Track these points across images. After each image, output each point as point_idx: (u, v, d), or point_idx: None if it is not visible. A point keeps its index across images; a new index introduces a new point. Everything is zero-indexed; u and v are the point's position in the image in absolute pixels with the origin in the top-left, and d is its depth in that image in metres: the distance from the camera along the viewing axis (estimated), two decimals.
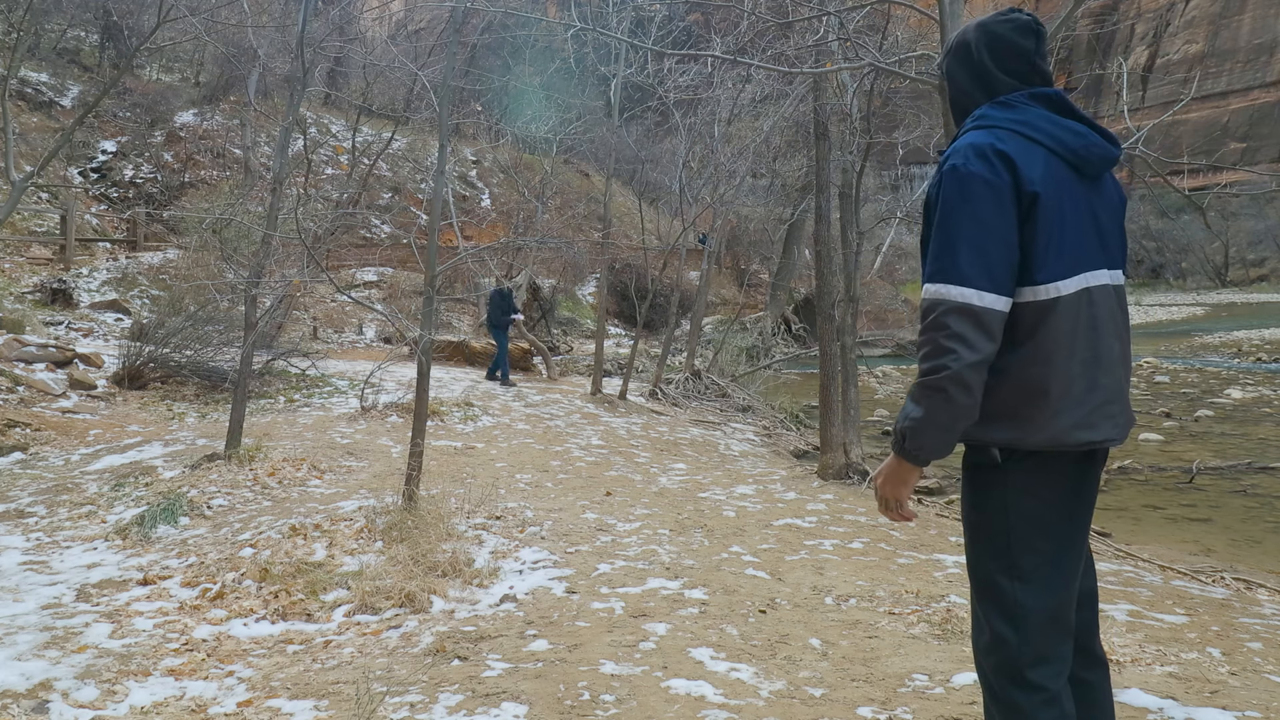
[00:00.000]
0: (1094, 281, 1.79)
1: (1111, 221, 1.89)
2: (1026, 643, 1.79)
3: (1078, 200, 1.80)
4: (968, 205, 1.73)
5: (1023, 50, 1.90)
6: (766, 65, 7.75)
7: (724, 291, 26.62)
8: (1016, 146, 1.77)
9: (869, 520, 6.12)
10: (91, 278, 17.09)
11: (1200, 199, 23.85)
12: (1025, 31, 1.90)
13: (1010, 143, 1.77)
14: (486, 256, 14.40)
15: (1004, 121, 1.83)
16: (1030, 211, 1.74)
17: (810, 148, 10.10)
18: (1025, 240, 1.74)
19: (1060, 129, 1.82)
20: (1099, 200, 1.86)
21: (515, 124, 24.17)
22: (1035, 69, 1.91)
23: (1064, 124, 1.84)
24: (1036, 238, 1.74)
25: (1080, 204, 1.81)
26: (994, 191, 1.73)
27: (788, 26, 7.56)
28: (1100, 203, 1.86)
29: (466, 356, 15.48)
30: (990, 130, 1.81)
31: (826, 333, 8.40)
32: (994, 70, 1.90)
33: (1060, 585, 1.82)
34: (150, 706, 3.03)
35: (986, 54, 1.91)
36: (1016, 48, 1.90)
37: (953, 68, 2.01)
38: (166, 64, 29.14)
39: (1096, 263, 1.80)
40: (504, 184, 30.00)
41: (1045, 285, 1.74)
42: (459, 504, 5.58)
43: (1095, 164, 1.84)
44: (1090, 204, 1.83)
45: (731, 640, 3.51)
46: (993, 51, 1.91)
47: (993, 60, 1.90)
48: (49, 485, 6.19)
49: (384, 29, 41.73)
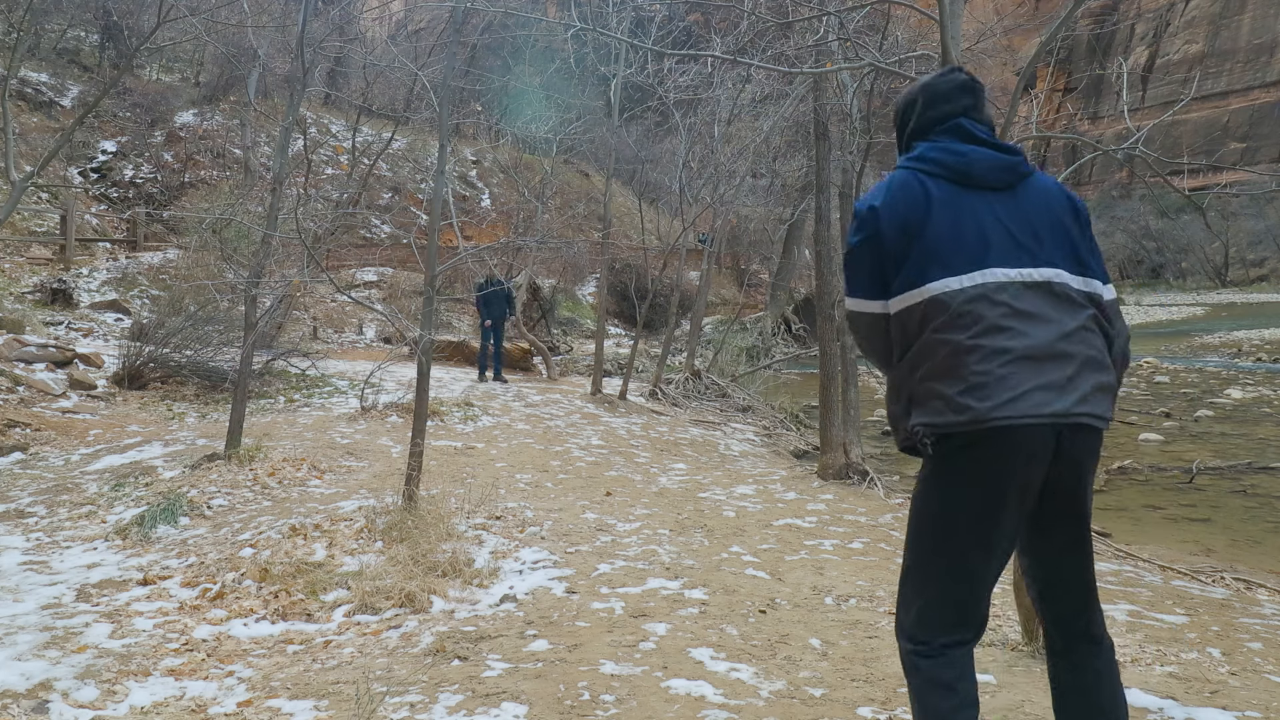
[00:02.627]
0: (992, 279, 1.95)
1: (1040, 223, 2.03)
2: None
3: (970, 211, 2.01)
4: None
5: (958, 108, 2.15)
6: (766, 65, 7.74)
7: (724, 291, 26.62)
8: (899, 185, 2.08)
9: (869, 520, 6.12)
10: (91, 278, 17.10)
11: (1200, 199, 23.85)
12: (963, 90, 2.17)
13: (890, 191, 2.08)
14: (486, 256, 14.37)
15: (904, 162, 2.15)
16: (908, 234, 2.01)
17: (810, 148, 10.10)
18: (912, 253, 2.01)
19: (943, 151, 2.08)
20: (1010, 207, 2.03)
21: (515, 124, 24.16)
22: (959, 118, 2.16)
23: (947, 146, 2.09)
24: (919, 251, 2.01)
25: (974, 214, 2.01)
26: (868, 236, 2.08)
27: (788, 27, 7.55)
28: (1012, 209, 2.03)
29: (466, 356, 15.48)
30: (888, 176, 2.16)
31: (826, 333, 8.40)
32: (926, 120, 2.17)
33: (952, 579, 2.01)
34: (150, 706, 3.03)
35: (921, 107, 2.18)
36: (950, 101, 2.16)
37: (897, 124, 2.30)
38: (166, 64, 29.14)
39: (1002, 262, 1.97)
40: (504, 184, 30.01)
41: (929, 284, 1.97)
42: (459, 504, 5.58)
43: (981, 176, 2.04)
44: (992, 211, 2.01)
45: (731, 640, 3.51)
46: (929, 107, 2.17)
47: (925, 109, 2.17)
48: (49, 485, 6.19)
49: (384, 29, 41.74)
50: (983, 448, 1.91)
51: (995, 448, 1.90)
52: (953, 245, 1.98)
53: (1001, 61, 14.81)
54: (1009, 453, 1.91)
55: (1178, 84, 70.21)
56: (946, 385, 1.92)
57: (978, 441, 1.91)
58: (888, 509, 6.63)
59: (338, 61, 26.21)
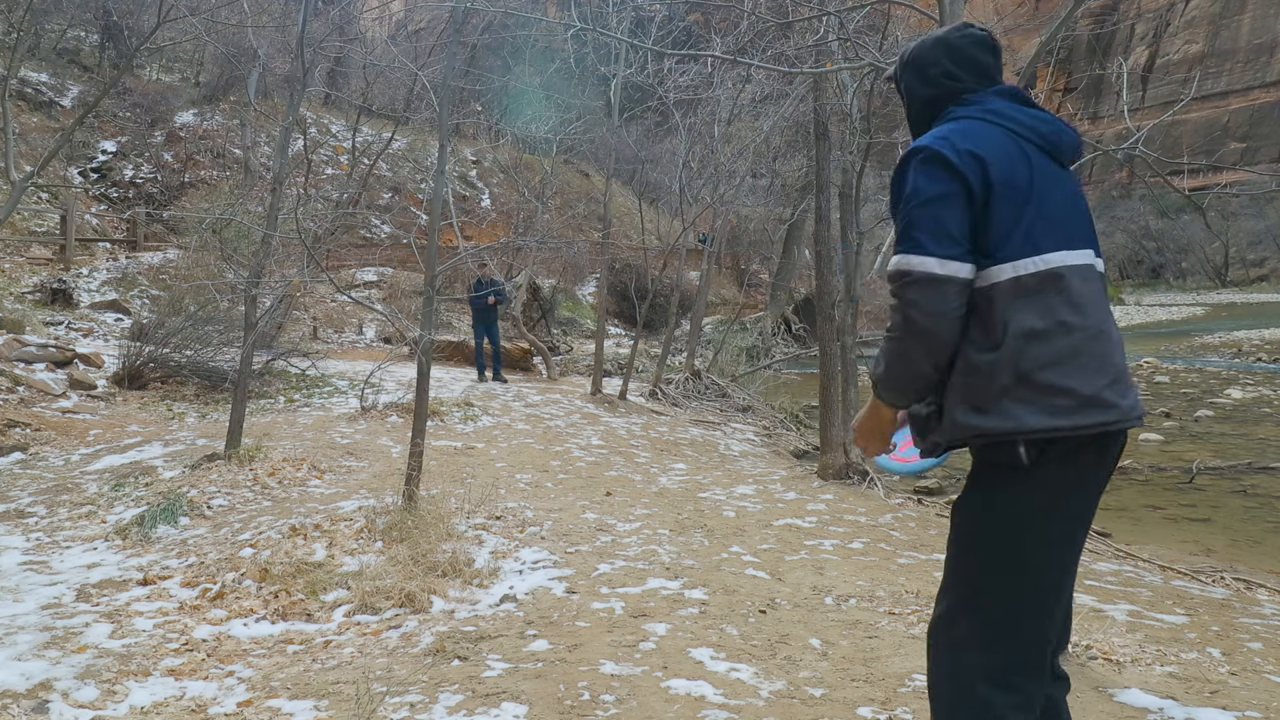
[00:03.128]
0: (1090, 260, 1.78)
1: (1085, 207, 1.90)
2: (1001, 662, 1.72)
3: (1058, 182, 1.81)
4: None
5: (982, 65, 1.93)
6: (766, 65, 7.74)
7: (724, 291, 26.61)
8: (985, 136, 1.78)
9: (869, 520, 6.12)
10: (91, 278, 17.09)
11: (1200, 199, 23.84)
12: (983, 46, 1.93)
13: (977, 135, 1.77)
14: (486, 256, 14.37)
15: (974, 113, 1.84)
16: (1017, 193, 1.74)
17: (810, 148, 10.10)
18: (1023, 217, 1.73)
19: (1031, 117, 1.84)
20: (1071, 186, 1.86)
21: (515, 124, 24.15)
22: (995, 81, 1.94)
23: (1031, 113, 1.85)
24: (1003, 219, 1.74)
25: (1061, 185, 1.81)
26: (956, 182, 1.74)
27: (788, 27, 7.56)
28: (1075, 189, 1.87)
29: (466, 356, 15.48)
30: (960, 122, 1.82)
31: (826, 333, 8.40)
32: (958, 73, 1.91)
33: (1046, 614, 1.74)
34: (150, 706, 3.02)
35: (949, 63, 1.92)
36: (976, 62, 1.92)
37: (911, 84, 2.00)
38: (166, 64, 29.13)
39: (1088, 243, 1.80)
40: (504, 184, 30.01)
41: (1049, 254, 1.71)
42: (459, 504, 5.58)
43: (1067, 151, 1.86)
44: (1064, 187, 1.82)
45: (731, 640, 3.51)
46: (955, 62, 1.92)
47: (957, 67, 1.92)
48: (49, 485, 6.19)
49: (384, 29, 41.74)
50: (1094, 452, 1.70)
51: (1107, 451, 1.72)
52: (1060, 215, 1.75)
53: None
54: (1112, 458, 1.76)
55: (1178, 84, 70.20)
56: (1079, 378, 1.65)
57: (1090, 445, 1.69)
58: (888, 509, 6.63)
59: (338, 61, 26.21)
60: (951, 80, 1.91)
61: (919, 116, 1.99)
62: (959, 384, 1.72)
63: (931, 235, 1.69)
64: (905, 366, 1.74)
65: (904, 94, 2.03)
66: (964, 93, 1.89)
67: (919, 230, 1.70)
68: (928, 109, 1.95)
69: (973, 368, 1.70)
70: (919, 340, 1.70)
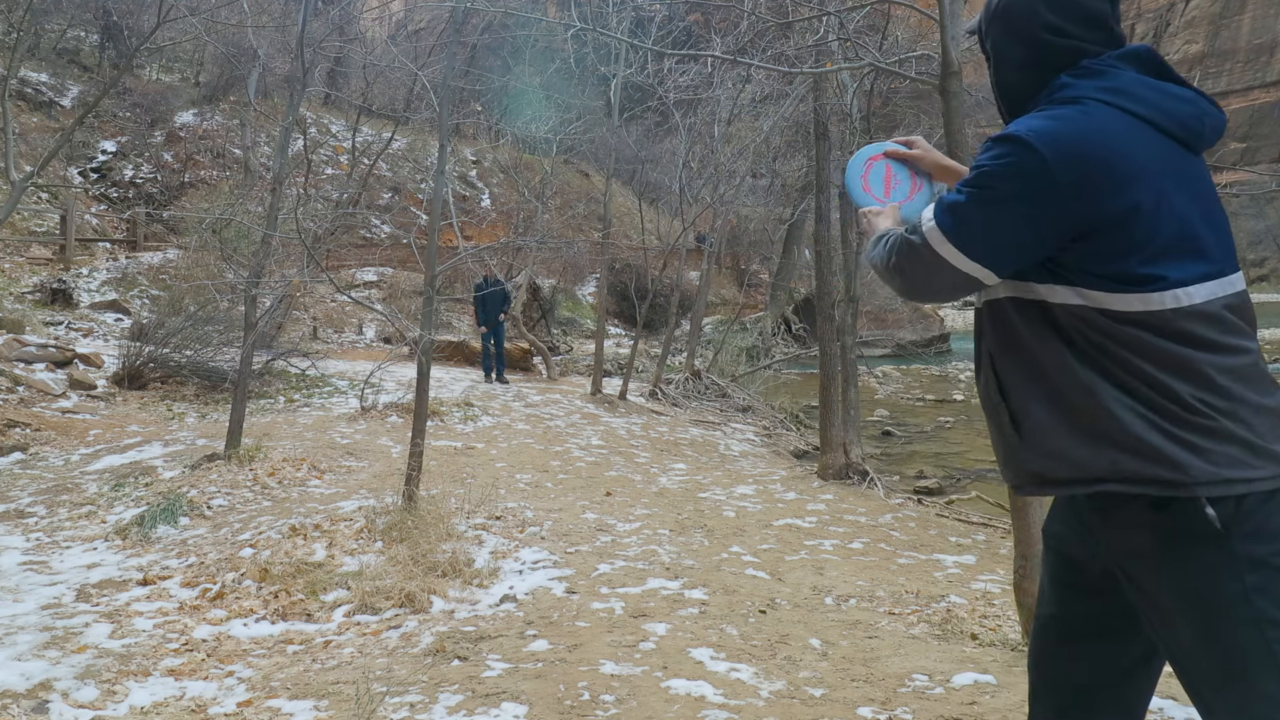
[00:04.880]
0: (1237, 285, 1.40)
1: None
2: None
3: (1197, 179, 1.41)
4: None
5: (1097, 13, 1.47)
6: (766, 65, 7.75)
7: (724, 291, 26.60)
8: (1108, 135, 1.37)
9: (869, 520, 6.12)
10: (91, 278, 17.09)
11: None
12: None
13: (1094, 137, 1.36)
14: (486, 256, 14.37)
15: (1093, 91, 1.41)
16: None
17: (810, 148, 10.10)
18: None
19: (1165, 96, 1.41)
20: (1209, 182, 1.45)
21: (515, 124, 24.16)
22: (1114, 35, 1.49)
23: (1167, 90, 1.42)
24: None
25: (1201, 180, 1.42)
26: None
27: (788, 27, 7.56)
28: (1210, 185, 1.45)
29: (466, 356, 15.49)
30: (1075, 107, 1.40)
31: (826, 333, 8.40)
32: (1069, 28, 1.46)
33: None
34: (150, 706, 3.02)
35: (1051, 14, 1.47)
36: (1088, 10, 1.47)
37: (999, 41, 1.55)
38: (166, 64, 29.13)
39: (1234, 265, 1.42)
40: (504, 184, 30.00)
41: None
42: (459, 504, 5.58)
43: (1208, 137, 1.45)
44: (1205, 182, 1.43)
45: (731, 640, 3.51)
46: (1061, 14, 1.46)
47: (1064, 19, 1.46)
48: (49, 485, 6.19)
49: (384, 29, 41.74)
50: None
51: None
52: (1199, 227, 1.37)
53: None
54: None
55: None
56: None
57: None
58: (888, 509, 6.63)
59: (338, 61, 26.20)
60: (1057, 35, 1.46)
61: (1013, 88, 1.55)
62: None
63: (967, 227, 1.41)
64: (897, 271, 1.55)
65: (990, 55, 1.59)
66: (1078, 54, 1.46)
67: (962, 215, 1.42)
68: (1026, 76, 1.51)
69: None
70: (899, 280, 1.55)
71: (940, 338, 25.37)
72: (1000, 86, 1.59)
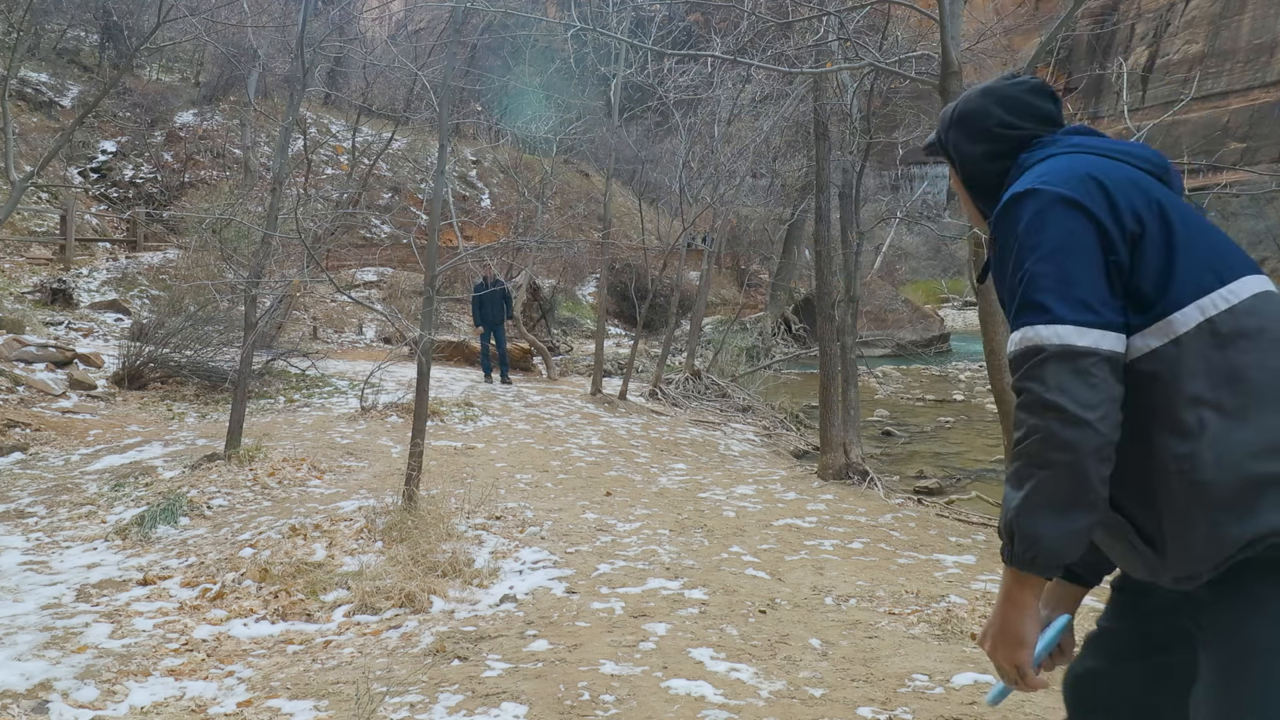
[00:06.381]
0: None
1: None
2: None
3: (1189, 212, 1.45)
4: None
5: (1044, 111, 1.61)
6: (766, 65, 7.75)
7: (724, 291, 26.60)
8: (1093, 164, 1.43)
9: (869, 520, 6.12)
10: (91, 278, 17.09)
11: (1200, 199, 23.76)
12: (1040, 93, 1.62)
13: (1084, 165, 1.43)
14: (486, 256, 14.37)
15: (1059, 150, 1.50)
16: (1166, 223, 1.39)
17: (810, 148, 10.10)
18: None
19: (1124, 145, 1.51)
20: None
21: (515, 124, 24.17)
22: (1060, 127, 1.62)
23: (1122, 142, 1.54)
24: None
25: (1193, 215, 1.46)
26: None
27: (788, 27, 7.56)
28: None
29: (466, 356, 15.48)
30: (1051, 160, 1.47)
31: (826, 333, 8.40)
32: (1017, 122, 1.59)
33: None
34: (150, 706, 3.02)
35: (1003, 113, 1.60)
36: (1035, 108, 1.61)
37: (959, 143, 1.66)
38: (166, 64, 29.13)
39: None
40: (504, 184, 29.99)
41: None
42: (459, 504, 5.58)
43: (1174, 178, 1.53)
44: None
45: (731, 640, 3.51)
46: (1011, 112, 1.60)
47: (1014, 116, 1.60)
48: (49, 485, 6.19)
49: (384, 29, 41.74)
50: None
51: None
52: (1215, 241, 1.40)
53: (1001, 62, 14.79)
54: None
55: (1178, 84, 70.18)
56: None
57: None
58: (888, 509, 6.63)
59: (338, 61, 26.21)
60: (1010, 129, 1.59)
61: (982, 177, 1.63)
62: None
63: (1061, 297, 1.31)
64: (1068, 487, 1.25)
65: (953, 159, 1.69)
66: (1031, 139, 1.58)
67: (1043, 292, 1.32)
68: (987, 166, 1.62)
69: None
70: (1071, 445, 1.24)
71: (940, 338, 25.38)
72: (969, 181, 1.67)
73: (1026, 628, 1.32)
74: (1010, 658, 1.33)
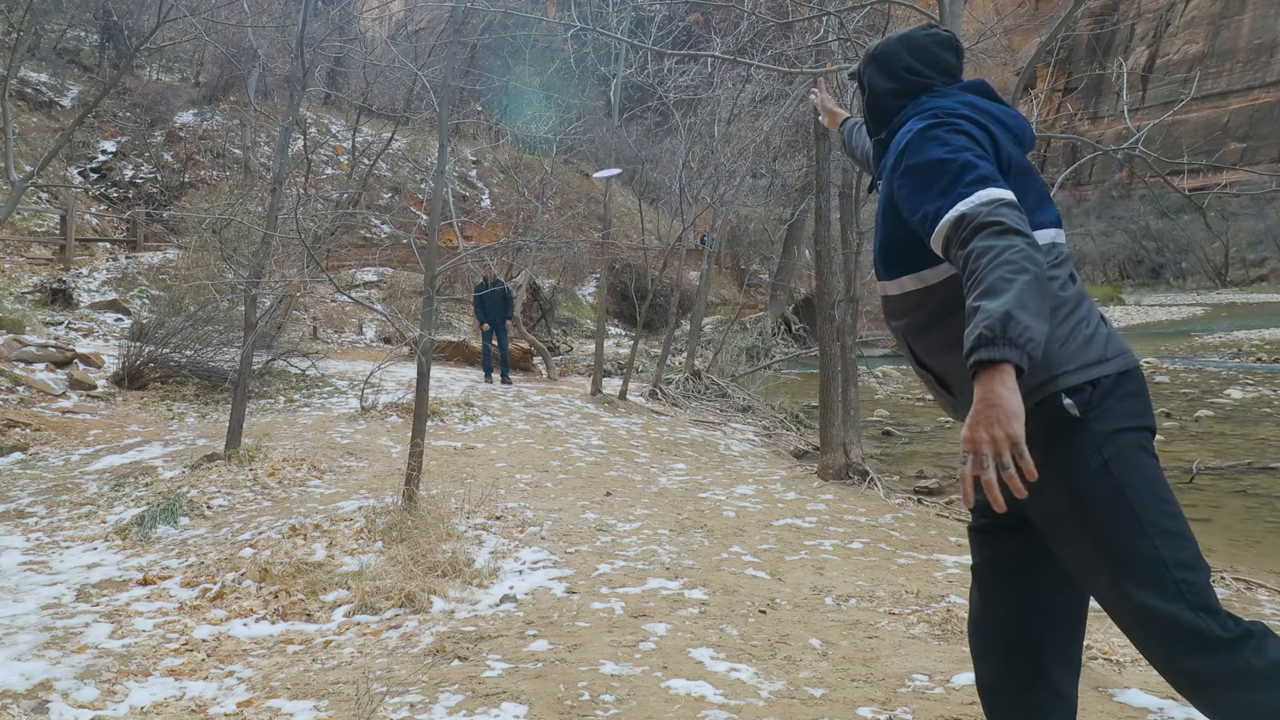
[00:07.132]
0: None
1: None
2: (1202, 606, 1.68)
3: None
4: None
5: (947, 63, 1.97)
6: (766, 65, 7.75)
7: (724, 291, 26.61)
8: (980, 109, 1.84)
9: (869, 520, 6.12)
10: (91, 278, 17.09)
11: (1200, 199, 23.77)
12: (947, 47, 1.98)
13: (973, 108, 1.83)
14: (486, 256, 14.37)
15: (951, 104, 1.84)
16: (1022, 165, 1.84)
17: (810, 148, 10.11)
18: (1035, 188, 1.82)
19: (1001, 110, 1.87)
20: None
21: (515, 124, 24.18)
22: (958, 80, 1.99)
23: (1002, 106, 1.90)
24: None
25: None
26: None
27: (788, 27, 7.57)
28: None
29: (466, 356, 15.49)
30: (944, 100, 1.87)
31: (826, 333, 8.40)
32: (922, 70, 1.95)
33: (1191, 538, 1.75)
34: (150, 706, 3.02)
35: (912, 59, 1.96)
36: (940, 60, 1.97)
37: (873, 78, 2.03)
38: (166, 64, 29.15)
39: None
40: (504, 184, 30.00)
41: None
42: (459, 504, 5.58)
43: (1027, 145, 1.91)
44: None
45: (731, 640, 3.51)
46: (919, 60, 1.96)
47: (920, 64, 1.96)
48: (49, 485, 6.19)
49: (384, 29, 41.73)
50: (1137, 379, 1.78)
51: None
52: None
53: (1001, 61, 14.81)
54: None
55: (1178, 84, 70.24)
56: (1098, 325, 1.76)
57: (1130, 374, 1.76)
58: (888, 509, 6.63)
59: (338, 61, 26.22)
60: (915, 76, 1.96)
61: (880, 109, 2.01)
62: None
63: (982, 171, 1.67)
64: (1040, 292, 1.53)
65: (865, 86, 2.06)
66: (930, 87, 1.94)
67: (966, 178, 1.66)
68: (890, 101, 1.98)
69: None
70: (1035, 251, 1.56)
71: None
72: (871, 108, 2.06)
73: (1019, 403, 1.48)
74: (1007, 427, 1.48)
